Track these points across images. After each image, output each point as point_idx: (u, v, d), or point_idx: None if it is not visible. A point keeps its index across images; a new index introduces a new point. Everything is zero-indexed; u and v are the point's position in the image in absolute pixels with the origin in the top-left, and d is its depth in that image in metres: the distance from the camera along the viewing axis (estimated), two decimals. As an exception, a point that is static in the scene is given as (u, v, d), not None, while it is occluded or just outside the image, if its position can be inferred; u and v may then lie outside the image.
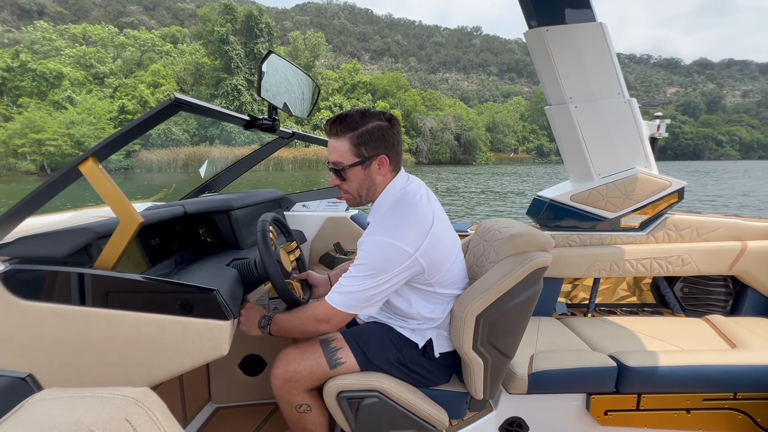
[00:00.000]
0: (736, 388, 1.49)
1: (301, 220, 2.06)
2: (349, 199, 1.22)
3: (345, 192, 1.21)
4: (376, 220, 1.17)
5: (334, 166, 1.16)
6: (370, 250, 1.10)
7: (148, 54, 43.12)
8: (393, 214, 1.14)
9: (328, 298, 1.12)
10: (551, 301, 2.08)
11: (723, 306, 2.11)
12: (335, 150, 1.14)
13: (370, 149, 1.13)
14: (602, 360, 1.52)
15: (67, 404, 0.39)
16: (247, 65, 39.59)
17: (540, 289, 1.23)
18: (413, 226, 1.12)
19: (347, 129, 1.12)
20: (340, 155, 1.14)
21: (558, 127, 2.07)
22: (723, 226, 2.03)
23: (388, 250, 1.09)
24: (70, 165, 0.91)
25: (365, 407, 1.19)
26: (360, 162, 1.14)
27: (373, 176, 1.17)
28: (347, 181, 1.17)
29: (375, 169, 1.16)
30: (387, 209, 1.17)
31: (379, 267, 1.09)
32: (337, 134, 1.13)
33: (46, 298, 0.90)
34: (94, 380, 0.94)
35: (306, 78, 1.59)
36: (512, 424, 1.56)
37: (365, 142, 1.12)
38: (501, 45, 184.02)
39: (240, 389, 1.82)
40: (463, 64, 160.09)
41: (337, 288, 1.13)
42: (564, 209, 2.06)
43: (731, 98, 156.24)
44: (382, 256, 1.09)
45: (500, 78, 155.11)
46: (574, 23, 1.85)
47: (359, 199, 1.21)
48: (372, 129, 1.13)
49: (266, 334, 1.18)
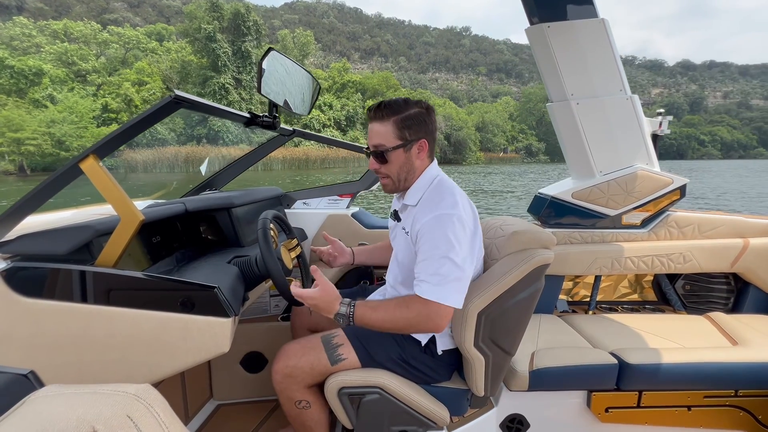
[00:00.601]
0: (737, 385, 1.49)
1: (302, 217, 2.05)
2: (387, 184, 1.24)
3: (384, 176, 1.23)
4: (425, 200, 1.18)
5: (376, 148, 1.18)
6: (436, 225, 1.09)
7: (133, 51, 42.27)
8: (439, 191, 1.18)
9: (443, 299, 1.07)
10: (552, 298, 2.08)
11: (725, 303, 2.11)
12: (378, 133, 1.17)
13: (412, 133, 1.17)
14: (603, 357, 1.51)
15: (68, 401, 0.39)
16: (234, 63, 39.14)
17: (542, 287, 1.23)
18: (464, 202, 1.16)
19: (392, 113, 1.16)
20: (384, 138, 1.17)
21: (559, 124, 2.05)
22: (725, 223, 2.02)
23: (455, 221, 1.10)
24: (71, 162, 0.91)
25: (366, 403, 1.20)
26: (402, 145, 1.17)
27: (412, 160, 1.20)
28: (388, 164, 1.19)
29: (415, 153, 1.19)
30: (431, 190, 1.19)
31: (454, 239, 1.08)
32: (381, 118, 1.17)
33: (48, 295, 0.91)
34: (95, 377, 0.94)
35: (306, 75, 1.58)
36: (513, 421, 1.56)
37: (408, 125, 1.16)
38: (490, 45, 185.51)
39: (241, 386, 1.82)
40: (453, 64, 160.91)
41: (433, 280, 1.08)
42: (565, 206, 2.05)
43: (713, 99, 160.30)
44: (452, 227, 1.09)
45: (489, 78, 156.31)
46: (576, 19, 1.83)
47: (397, 183, 1.23)
48: (414, 114, 1.17)
49: (343, 322, 1.13)
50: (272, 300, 1.95)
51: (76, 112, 28.79)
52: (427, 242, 1.10)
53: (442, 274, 1.08)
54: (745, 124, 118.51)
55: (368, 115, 1.21)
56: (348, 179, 2.21)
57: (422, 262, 1.11)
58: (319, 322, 1.50)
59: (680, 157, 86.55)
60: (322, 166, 34.62)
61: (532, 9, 1.85)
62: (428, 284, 1.09)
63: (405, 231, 1.23)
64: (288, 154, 33.23)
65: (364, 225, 2.06)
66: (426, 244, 1.10)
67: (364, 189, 2.11)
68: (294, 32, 48.51)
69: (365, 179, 2.11)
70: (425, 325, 1.11)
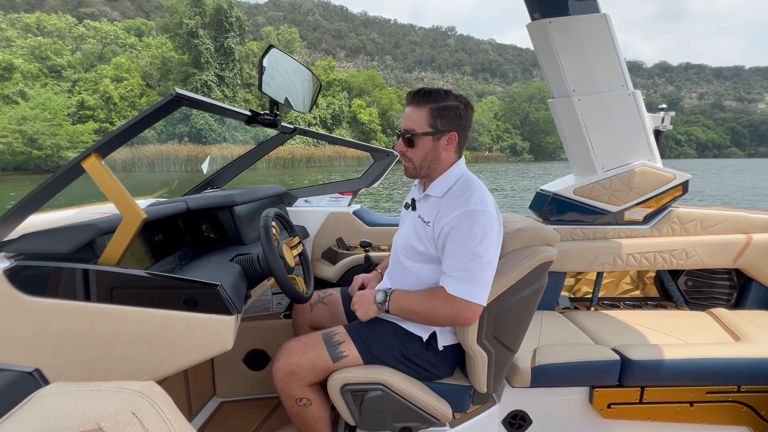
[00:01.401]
0: (739, 381, 1.49)
1: (304, 215, 2.03)
2: (409, 168, 1.23)
3: (407, 160, 1.22)
4: (454, 195, 1.18)
5: (405, 132, 1.19)
6: (466, 219, 1.10)
7: (111, 47, 40.95)
8: (468, 187, 1.18)
9: (470, 296, 1.09)
10: (554, 295, 2.07)
11: (727, 299, 2.11)
12: (411, 118, 1.18)
13: (444, 123, 1.17)
14: (605, 353, 1.51)
15: (73, 398, 0.40)
16: (217, 60, 38.27)
17: (545, 284, 1.23)
18: (492, 200, 1.17)
19: (429, 101, 1.16)
20: (415, 123, 1.17)
21: (561, 120, 2.04)
22: (728, 219, 2.02)
23: (485, 218, 1.10)
24: (73, 162, 0.91)
25: (369, 400, 1.20)
26: (432, 133, 1.17)
27: (439, 150, 1.20)
28: (415, 148, 1.19)
29: (443, 144, 1.19)
30: (460, 185, 1.19)
31: (482, 235, 1.09)
32: (418, 103, 1.17)
33: (52, 294, 0.91)
34: (99, 375, 0.94)
35: (307, 72, 1.57)
36: (515, 417, 1.56)
37: (442, 116, 1.16)
38: (475, 45, 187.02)
39: (244, 384, 1.82)
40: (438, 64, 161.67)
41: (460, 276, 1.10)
42: (567, 203, 2.04)
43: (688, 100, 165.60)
44: (481, 224, 1.09)
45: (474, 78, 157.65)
46: (577, 14, 1.81)
47: (419, 170, 1.22)
48: (451, 106, 1.17)
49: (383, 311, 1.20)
50: (274, 298, 1.95)
51: (49, 109, 27.65)
52: (457, 237, 1.10)
53: (470, 271, 1.08)
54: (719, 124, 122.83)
55: (407, 99, 1.21)
56: (346, 177, 2.19)
57: (451, 257, 1.12)
58: (320, 320, 1.48)
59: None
60: (308, 165, 34.27)
61: (534, 4, 1.83)
62: (455, 280, 1.10)
63: (423, 220, 1.22)
64: (273, 153, 32.63)
65: (366, 222, 2.04)
66: (455, 238, 1.11)
67: (365, 186, 2.09)
68: (278, 29, 47.84)
69: (366, 177, 2.09)
70: (455, 320, 1.13)
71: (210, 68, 37.48)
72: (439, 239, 1.16)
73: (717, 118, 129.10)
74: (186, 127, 35.26)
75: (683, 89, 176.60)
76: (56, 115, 27.54)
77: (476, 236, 1.08)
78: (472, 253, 1.08)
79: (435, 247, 1.18)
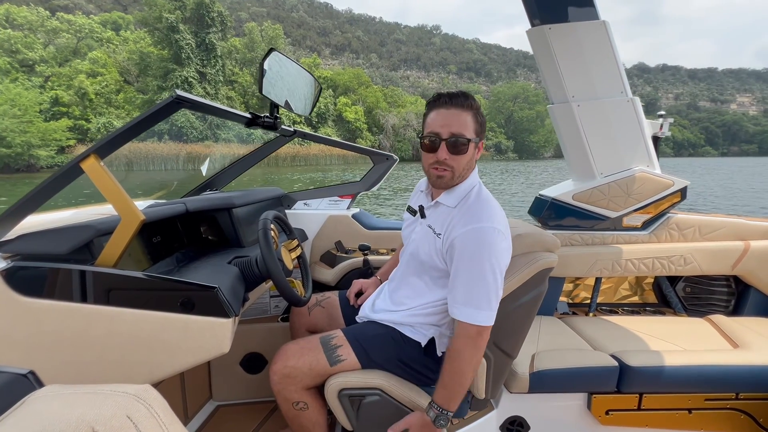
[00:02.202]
0: (738, 388, 1.49)
1: (303, 218, 2.02)
2: (446, 177, 1.14)
3: (447, 168, 1.12)
4: (467, 207, 1.13)
5: (454, 136, 1.08)
6: (478, 237, 1.06)
7: (86, 41, 39.45)
8: (482, 200, 1.14)
9: (475, 319, 1.06)
10: (553, 300, 2.07)
11: (725, 306, 2.12)
12: (459, 121, 1.09)
13: (482, 131, 1.13)
14: (604, 359, 1.51)
15: (68, 401, 0.39)
16: (198, 56, 37.19)
17: (545, 290, 1.23)
18: (503, 215, 1.13)
19: (471, 106, 1.10)
20: (465, 127, 1.09)
21: (560, 125, 2.04)
22: (726, 225, 2.04)
23: (495, 237, 1.06)
24: (72, 162, 0.91)
25: (367, 405, 1.19)
26: (476, 140, 1.12)
27: (474, 159, 1.16)
28: (461, 156, 1.11)
29: (476, 151, 1.15)
30: (474, 198, 1.15)
31: (491, 254, 1.05)
32: (462, 106, 1.09)
33: (48, 295, 0.91)
34: (95, 377, 0.94)
35: (307, 75, 1.56)
36: (513, 423, 1.55)
37: (481, 123, 1.13)
38: (460, 44, 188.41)
39: (241, 387, 1.81)
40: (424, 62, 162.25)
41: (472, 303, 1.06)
42: (566, 208, 2.04)
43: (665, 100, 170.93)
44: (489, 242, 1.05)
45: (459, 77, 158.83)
46: (577, 21, 1.81)
47: (457, 178, 1.15)
48: (481, 111, 1.13)
49: (445, 420, 1.12)
50: (272, 300, 1.95)
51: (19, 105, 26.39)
52: (468, 255, 1.06)
53: (483, 296, 1.05)
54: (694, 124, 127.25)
55: (441, 100, 1.12)
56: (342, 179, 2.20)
57: (461, 279, 1.07)
58: (318, 323, 1.46)
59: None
60: (293, 164, 33.82)
61: (534, 11, 1.83)
62: (474, 309, 1.06)
63: (434, 232, 1.18)
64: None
65: (365, 226, 2.02)
66: (467, 256, 1.07)
67: (364, 190, 2.08)
68: (262, 25, 47.02)
69: (366, 180, 2.07)
70: (480, 352, 1.09)
71: (191, 64, 36.41)
72: (447, 253, 1.13)
73: (692, 118, 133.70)
74: (166, 125, 34.28)
75: (660, 90, 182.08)
76: (26, 111, 26.24)
77: (489, 255, 1.04)
78: (484, 276, 1.04)
79: (444, 261, 1.15)
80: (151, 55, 36.41)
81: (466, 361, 1.08)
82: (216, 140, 33.15)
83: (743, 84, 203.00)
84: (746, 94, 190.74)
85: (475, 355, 1.08)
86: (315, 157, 35.34)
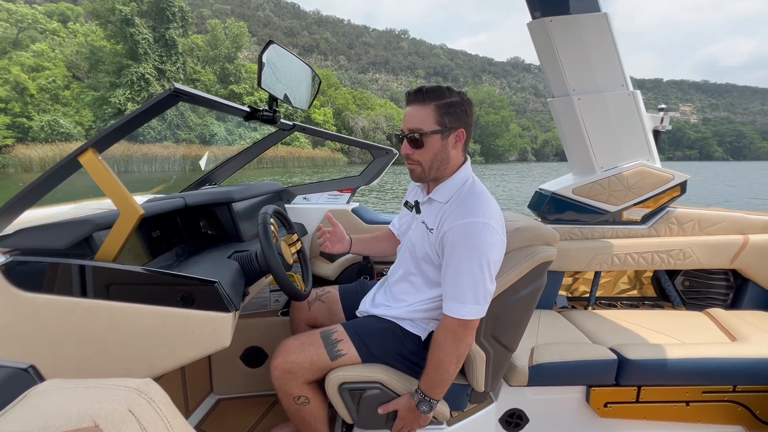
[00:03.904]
0: (735, 381, 1.50)
1: (302, 212, 2.04)
2: (415, 170, 1.17)
3: (414, 163, 1.16)
4: (458, 201, 1.13)
5: (411, 132, 1.12)
6: (467, 232, 1.06)
7: (29, 32, 36.30)
8: (474, 194, 1.13)
9: (458, 313, 1.07)
10: (552, 294, 2.07)
11: (724, 300, 2.12)
12: (415, 117, 1.12)
13: (452, 120, 1.12)
14: (602, 353, 1.52)
15: (69, 395, 0.39)
16: (156, 52, 35.10)
17: (544, 283, 1.23)
18: (497, 209, 1.13)
19: (434, 98, 1.11)
20: (421, 122, 1.12)
21: (561, 119, 2.03)
22: (725, 219, 2.03)
23: (486, 232, 1.06)
24: (70, 156, 0.90)
25: (367, 399, 1.20)
26: (440, 131, 1.12)
27: (448, 149, 1.15)
28: (423, 149, 1.13)
29: (452, 142, 1.14)
30: (466, 192, 1.14)
31: (479, 249, 1.05)
32: (422, 101, 1.11)
33: (48, 289, 0.91)
34: (96, 372, 0.94)
35: (306, 69, 1.56)
36: (512, 416, 1.56)
37: (449, 113, 1.12)
38: (427, 49, 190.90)
39: (241, 381, 1.82)
40: (392, 66, 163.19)
41: (457, 298, 1.07)
42: (566, 202, 2.04)
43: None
44: (481, 237, 1.06)
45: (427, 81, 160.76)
46: (578, 13, 1.80)
47: (428, 172, 1.16)
48: (456, 102, 1.12)
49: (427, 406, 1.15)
50: (272, 295, 1.97)
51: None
52: (457, 250, 1.07)
53: (469, 290, 1.06)
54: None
55: (407, 99, 1.16)
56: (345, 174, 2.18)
57: (449, 273, 1.08)
58: (318, 318, 1.47)
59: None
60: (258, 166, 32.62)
61: (535, 3, 1.82)
62: (458, 303, 1.07)
63: (427, 227, 1.19)
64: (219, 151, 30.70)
65: (364, 220, 2.04)
66: (456, 251, 1.07)
67: (364, 184, 2.09)
68: (225, 22, 45.37)
69: (365, 175, 2.08)
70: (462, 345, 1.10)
71: (148, 60, 34.31)
72: (439, 246, 1.14)
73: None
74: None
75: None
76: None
77: (479, 250, 1.05)
78: (474, 271, 1.05)
79: (438, 256, 1.15)
80: (103, 50, 34.02)
81: (446, 353, 1.09)
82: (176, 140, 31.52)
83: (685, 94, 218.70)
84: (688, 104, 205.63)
85: (457, 347, 1.09)
86: (282, 159, 34.31)
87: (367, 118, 49.37)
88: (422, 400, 1.14)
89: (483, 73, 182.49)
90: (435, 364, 1.11)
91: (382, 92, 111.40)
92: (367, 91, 72.27)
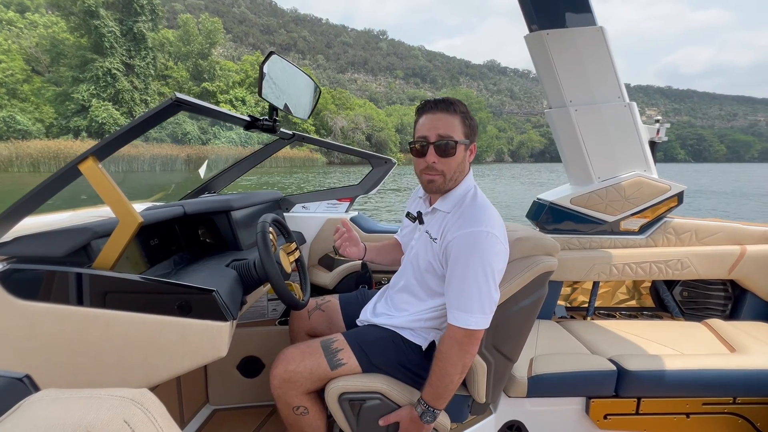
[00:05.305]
0: (735, 393, 1.49)
1: (301, 221, 2.04)
2: (436, 181, 1.15)
3: (436, 173, 1.14)
4: (461, 211, 1.14)
5: (442, 139, 1.10)
6: (471, 241, 1.06)
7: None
8: (477, 204, 1.14)
9: (464, 323, 1.06)
10: (551, 304, 2.07)
11: (722, 310, 2.12)
12: (446, 123, 1.11)
13: (473, 134, 1.16)
14: (602, 364, 1.51)
15: (64, 405, 0.39)
16: (124, 46, 33.69)
17: (545, 293, 1.23)
18: (499, 219, 1.13)
19: (459, 109, 1.12)
20: (452, 129, 1.11)
21: (558, 130, 2.05)
22: (722, 230, 2.04)
23: (490, 241, 1.07)
24: (70, 164, 0.90)
25: (367, 409, 1.19)
26: (465, 142, 1.13)
27: (466, 162, 1.17)
28: (451, 158, 1.12)
29: (468, 155, 1.17)
30: (469, 201, 1.16)
31: (483, 258, 1.05)
32: (448, 110, 1.11)
33: (44, 297, 0.90)
34: (91, 381, 0.94)
35: (307, 79, 1.58)
36: (512, 427, 1.55)
37: (471, 126, 1.15)
38: (406, 50, 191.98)
39: (238, 391, 1.80)
40: (371, 66, 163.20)
41: (462, 307, 1.07)
42: (564, 212, 2.04)
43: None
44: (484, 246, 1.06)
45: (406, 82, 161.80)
46: (574, 27, 1.84)
47: (449, 182, 1.16)
48: (471, 116, 1.15)
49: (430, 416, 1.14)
50: (270, 304, 1.97)
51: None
52: (462, 260, 1.07)
53: (474, 300, 1.06)
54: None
55: (427, 106, 1.15)
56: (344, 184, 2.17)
57: (454, 283, 1.08)
58: (317, 327, 1.46)
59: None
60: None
61: (532, 16, 1.85)
62: (464, 313, 1.07)
63: (431, 237, 1.19)
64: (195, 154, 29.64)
65: (363, 229, 2.04)
66: (460, 261, 1.07)
67: (363, 193, 2.10)
68: (198, 18, 43.94)
69: (364, 184, 2.09)
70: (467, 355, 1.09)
71: (115, 55, 32.84)
72: (443, 256, 1.14)
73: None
74: (84, 120, 30.35)
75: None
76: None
77: (483, 260, 1.05)
78: (477, 281, 1.05)
79: (441, 266, 1.16)
80: (65, 42, 32.31)
81: (451, 363, 1.09)
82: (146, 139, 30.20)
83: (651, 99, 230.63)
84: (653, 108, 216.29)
85: (461, 357, 1.08)
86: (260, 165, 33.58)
87: (346, 118, 49.03)
88: (426, 410, 1.13)
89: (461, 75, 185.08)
90: (440, 375, 1.10)
91: (361, 92, 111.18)
92: (345, 90, 71.91)
